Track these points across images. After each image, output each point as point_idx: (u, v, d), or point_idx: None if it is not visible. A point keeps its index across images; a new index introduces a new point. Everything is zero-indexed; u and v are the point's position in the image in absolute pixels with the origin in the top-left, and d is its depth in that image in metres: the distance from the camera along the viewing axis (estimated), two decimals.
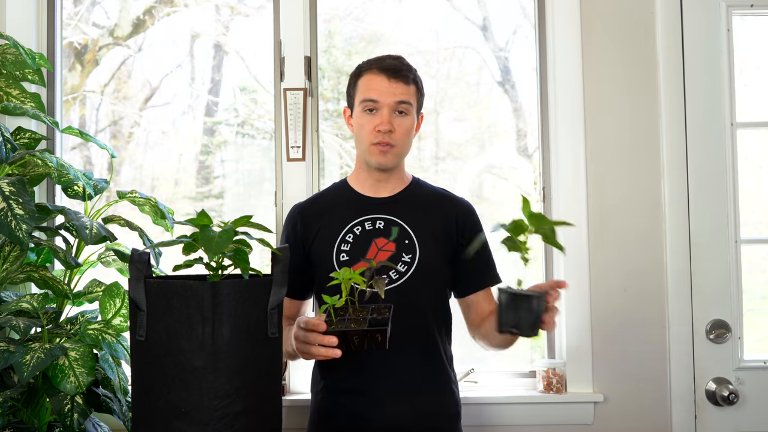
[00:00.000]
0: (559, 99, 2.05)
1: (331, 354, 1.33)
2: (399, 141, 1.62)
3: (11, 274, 1.65)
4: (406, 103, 1.61)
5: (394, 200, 1.69)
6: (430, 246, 1.63)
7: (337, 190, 1.76)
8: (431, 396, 1.61)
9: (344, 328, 1.30)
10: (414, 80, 1.64)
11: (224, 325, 1.13)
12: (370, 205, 1.69)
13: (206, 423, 1.13)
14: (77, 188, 1.80)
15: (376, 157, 1.63)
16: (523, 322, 1.31)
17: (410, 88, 1.62)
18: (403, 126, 1.62)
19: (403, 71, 1.61)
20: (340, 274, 1.32)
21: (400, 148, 1.64)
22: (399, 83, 1.61)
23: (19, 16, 2.04)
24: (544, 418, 1.98)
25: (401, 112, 1.61)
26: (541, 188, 2.11)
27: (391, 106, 1.60)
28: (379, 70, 1.62)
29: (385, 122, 1.59)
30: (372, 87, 1.61)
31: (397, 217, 1.66)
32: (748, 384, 1.99)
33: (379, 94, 1.60)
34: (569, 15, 2.05)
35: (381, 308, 1.36)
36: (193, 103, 2.22)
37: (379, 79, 1.61)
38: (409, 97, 1.62)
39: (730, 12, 2.05)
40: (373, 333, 1.29)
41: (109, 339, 1.57)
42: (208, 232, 1.15)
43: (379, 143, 1.61)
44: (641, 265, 2.02)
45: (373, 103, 1.61)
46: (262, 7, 2.20)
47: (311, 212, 1.72)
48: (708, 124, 2.03)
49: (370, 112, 1.62)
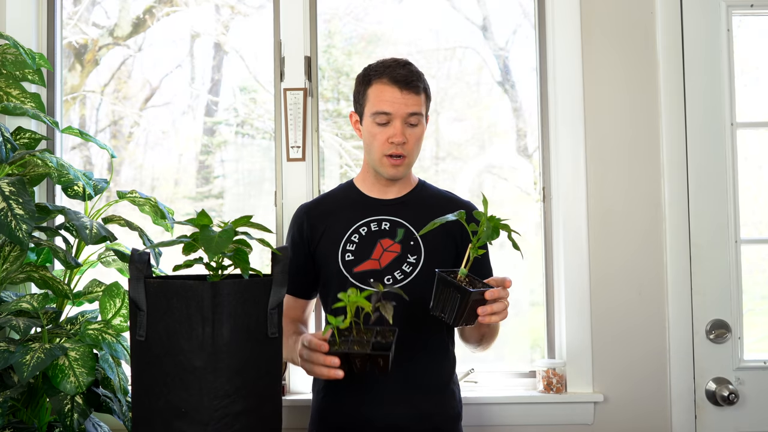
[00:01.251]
0: (559, 99, 2.05)
1: (333, 375, 1.33)
2: (411, 151, 1.64)
3: (11, 274, 1.64)
4: (417, 114, 1.62)
5: (400, 202, 1.70)
6: (435, 248, 1.64)
7: (343, 191, 1.76)
8: (433, 396, 1.62)
9: (347, 350, 1.30)
10: (424, 88, 1.64)
11: (224, 325, 1.13)
12: (376, 207, 1.69)
13: (206, 423, 1.13)
14: (77, 188, 1.80)
15: (388, 170, 1.64)
16: (449, 309, 1.35)
17: (420, 97, 1.62)
18: (415, 136, 1.63)
19: (414, 81, 1.61)
20: (346, 297, 1.30)
21: (411, 158, 1.66)
22: (411, 94, 1.60)
23: (19, 16, 2.04)
24: (544, 418, 1.98)
25: (413, 124, 1.62)
26: (541, 188, 2.11)
27: (403, 117, 1.61)
28: (390, 81, 1.61)
29: (398, 134, 1.60)
30: (384, 99, 1.61)
31: (402, 218, 1.67)
32: (748, 384, 1.99)
33: (391, 106, 1.60)
34: (569, 15, 2.05)
35: (386, 331, 1.36)
36: (193, 103, 2.22)
37: (391, 91, 1.60)
38: (420, 108, 1.62)
39: (730, 12, 2.05)
40: (375, 357, 1.29)
41: (109, 339, 1.57)
42: (208, 232, 1.15)
43: (392, 155, 1.62)
44: (641, 265, 2.02)
45: (386, 116, 1.61)
46: (262, 6, 2.20)
47: (317, 212, 1.72)
48: (708, 124, 2.03)
49: (382, 125, 1.62)
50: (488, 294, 1.37)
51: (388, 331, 1.35)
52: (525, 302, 2.16)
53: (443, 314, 1.36)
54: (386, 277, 1.63)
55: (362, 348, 1.31)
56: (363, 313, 1.31)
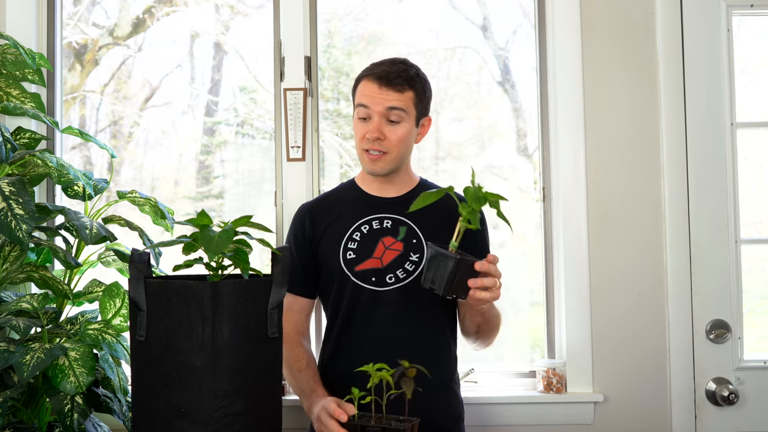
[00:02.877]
0: (559, 99, 2.05)
1: None
2: (392, 148, 1.62)
3: (11, 274, 1.65)
4: (398, 110, 1.60)
5: (402, 200, 1.69)
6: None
7: (345, 189, 1.76)
8: (435, 396, 1.61)
9: (363, 424, 1.33)
10: (411, 86, 1.61)
11: (224, 325, 1.13)
12: (377, 205, 1.69)
13: (206, 423, 1.13)
14: (77, 188, 1.79)
15: (367, 165, 1.65)
16: (439, 278, 1.37)
17: (404, 94, 1.60)
18: (396, 133, 1.61)
19: (397, 78, 1.59)
20: (372, 368, 1.34)
21: (393, 155, 1.63)
22: (389, 90, 1.59)
23: (19, 16, 2.04)
24: (544, 418, 1.98)
25: (393, 120, 1.60)
26: (541, 188, 2.11)
27: (381, 113, 1.60)
28: (372, 77, 1.61)
29: (374, 130, 1.60)
30: (364, 93, 1.62)
31: (404, 216, 1.66)
32: (748, 384, 1.99)
33: (369, 99, 1.60)
34: (569, 15, 2.05)
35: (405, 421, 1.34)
36: (193, 103, 2.22)
37: (371, 86, 1.61)
38: (401, 104, 1.60)
39: (730, 12, 2.05)
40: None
41: (109, 339, 1.57)
42: (208, 232, 1.15)
43: (369, 151, 1.62)
44: (641, 265, 2.02)
45: (364, 109, 1.61)
46: (261, 6, 2.20)
47: (319, 210, 1.72)
48: (708, 124, 2.03)
49: (362, 119, 1.63)
50: (477, 265, 1.38)
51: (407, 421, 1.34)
52: (525, 302, 2.16)
53: (433, 285, 1.38)
54: (388, 276, 1.63)
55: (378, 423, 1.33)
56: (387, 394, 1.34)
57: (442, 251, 1.37)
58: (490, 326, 1.66)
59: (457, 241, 1.38)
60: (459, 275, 1.37)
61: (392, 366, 1.35)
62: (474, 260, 1.40)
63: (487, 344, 1.72)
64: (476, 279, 1.39)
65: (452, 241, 1.38)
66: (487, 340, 1.71)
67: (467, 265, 1.38)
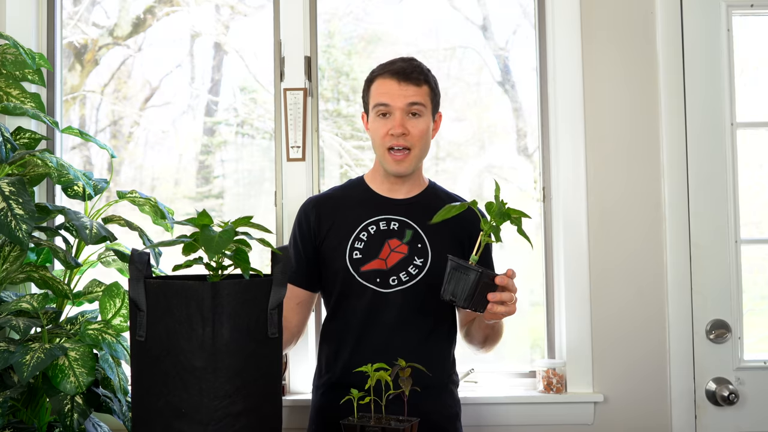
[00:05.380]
0: (559, 99, 2.05)
1: None
2: (415, 143, 1.62)
3: (11, 274, 1.64)
4: (418, 104, 1.61)
5: (410, 203, 1.69)
6: (442, 252, 1.62)
7: (353, 187, 1.76)
8: (432, 395, 1.62)
9: (362, 424, 1.33)
10: (426, 81, 1.64)
11: (224, 326, 1.13)
12: (385, 206, 1.69)
13: (206, 423, 1.13)
14: (77, 188, 1.79)
15: (392, 166, 1.64)
16: (460, 290, 1.40)
17: (422, 89, 1.62)
18: (418, 128, 1.62)
19: (414, 73, 1.62)
20: (370, 369, 1.35)
21: (417, 151, 1.64)
22: (409, 86, 1.61)
23: (19, 16, 2.04)
24: (544, 418, 1.98)
25: (414, 114, 1.62)
26: (541, 188, 2.11)
27: (402, 108, 1.61)
28: (389, 75, 1.62)
29: (398, 125, 1.60)
30: (383, 91, 1.62)
31: (411, 219, 1.67)
32: (748, 384, 1.99)
33: (390, 97, 1.61)
34: (569, 15, 2.05)
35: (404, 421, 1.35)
36: (193, 102, 2.22)
37: (389, 83, 1.62)
38: (420, 98, 1.62)
39: (730, 12, 2.05)
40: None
41: (109, 339, 1.57)
42: (208, 232, 1.15)
43: (394, 149, 1.62)
44: (641, 265, 2.02)
45: (385, 107, 1.62)
46: (262, 6, 2.20)
47: (326, 206, 1.71)
48: (708, 124, 2.03)
49: (383, 116, 1.63)
50: (498, 279, 1.42)
51: (406, 421, 1.35)
52: (525, 302, 2.16)
53: (453, 298, 1.41)
54: (391, 278, 1.63)
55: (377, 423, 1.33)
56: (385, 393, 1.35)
57: (463, 264, 1.40)
58: (497, 337, 1.68)
59: (477, 255, 1.40)
60: (479, 289, 1.40)
61: (391, 367, 1.36)
62: (493, 274, 1.44)
63: (489, 351, 1.73)
64: (495, 293, 1.42)
65: (473, 255, 1.41)
66: (491, 349, 1.72)
67: (487, 279, 1.41)
